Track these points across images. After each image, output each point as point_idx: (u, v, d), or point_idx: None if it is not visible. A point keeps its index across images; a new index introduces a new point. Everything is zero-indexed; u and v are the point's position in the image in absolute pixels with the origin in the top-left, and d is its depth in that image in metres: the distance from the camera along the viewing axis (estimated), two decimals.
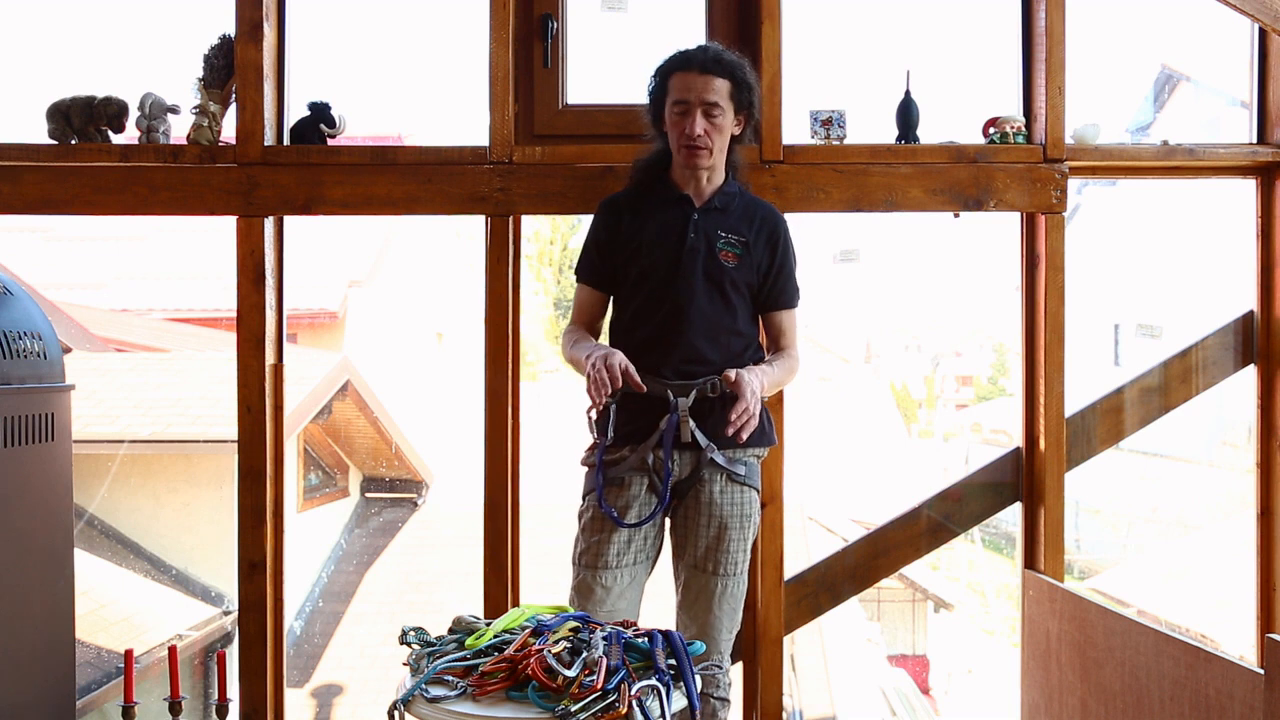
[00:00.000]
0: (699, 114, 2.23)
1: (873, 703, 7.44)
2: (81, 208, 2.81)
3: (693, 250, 2.28)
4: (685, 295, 2.26)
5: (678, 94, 2.25)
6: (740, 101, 2.28)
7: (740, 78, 2.27)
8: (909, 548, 3.09)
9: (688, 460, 2.27)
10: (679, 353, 2.26)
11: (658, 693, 1.57)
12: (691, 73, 2.24)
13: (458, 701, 1.59)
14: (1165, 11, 4.68)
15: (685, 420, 2.22)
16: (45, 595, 2.19)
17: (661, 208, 2.33)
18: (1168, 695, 2.12)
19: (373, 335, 7.00)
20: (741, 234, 2.31)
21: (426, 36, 5.46)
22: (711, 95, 2.23)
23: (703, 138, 2.24)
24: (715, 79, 2.23)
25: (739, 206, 2.35)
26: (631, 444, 2.27)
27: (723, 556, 2.26)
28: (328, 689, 5.95)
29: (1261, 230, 3.04)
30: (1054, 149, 2.82)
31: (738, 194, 2.37)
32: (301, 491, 6.08)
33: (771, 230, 2.35)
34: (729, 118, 2.27)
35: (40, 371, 2.17)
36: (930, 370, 14.42)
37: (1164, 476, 7.16)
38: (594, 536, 2.26)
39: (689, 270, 2.27)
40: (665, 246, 2.28)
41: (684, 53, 2.28)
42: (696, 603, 2.28)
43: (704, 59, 2.25)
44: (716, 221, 2.31)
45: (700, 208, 2.32)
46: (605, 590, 2.22)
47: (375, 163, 2.78)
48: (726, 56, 2.27)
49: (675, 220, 2.31)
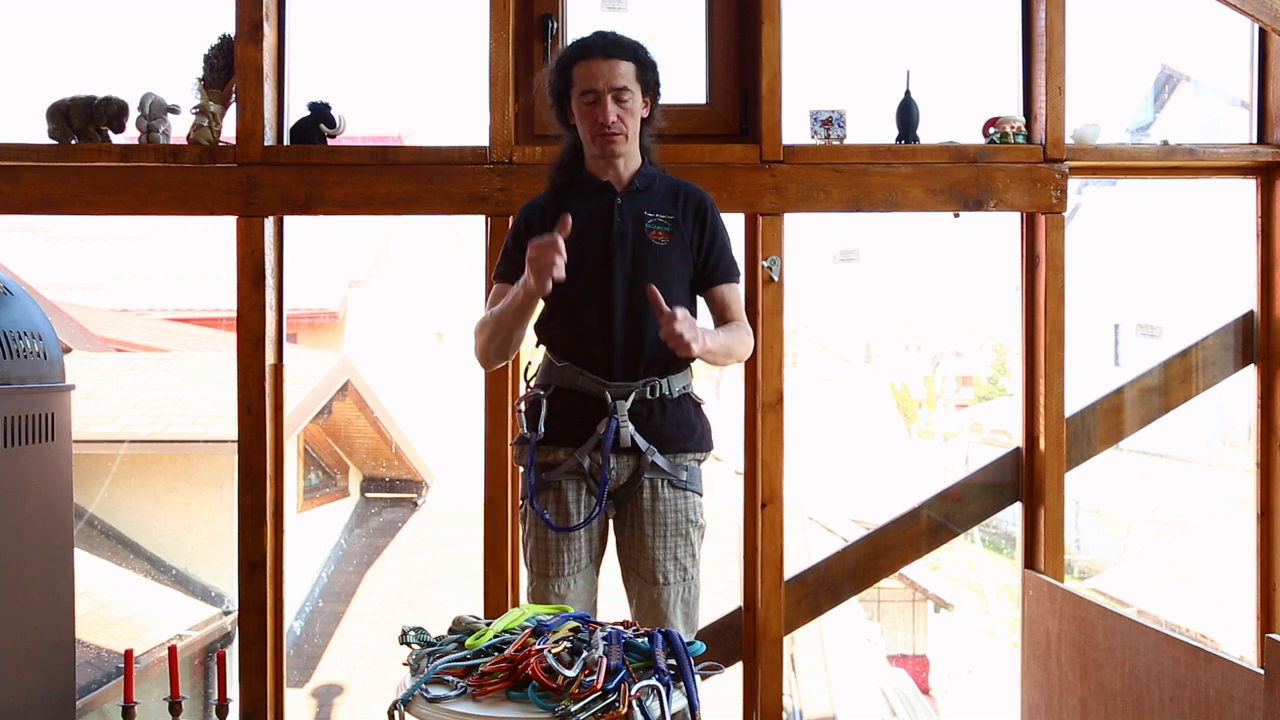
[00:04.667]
0: (609, 100, 2.17)
1: (873, 703, 7.44)
2: (81, 208, 2.81)
3: (620, 235, 2.22)
4: (618, 282, 2.20)
5: (584, 84, 2.18)
6: (646, 83, 2.23)
7: (643, 58, 2.22)
8: (909, 548, 3.09)
9: (627, 465, 2.20)
10: (615, 342, 2.19)
11: (658, 693, 1.57)
12: (595, 60, 2.18)
13: (458, 701, 1.59)
14: (1165, 11, 4.68)
15: (624, 426, 2.17)
16: (45, 595, 2.19)
17: (582, 199, 2.25)
18: (1168, 695, 2.11)
19: (373, 335, 7.00)
20: (669, 212, 2.25)
21: (426, 36, 5.46)
22: (619, 80, 2.17)
23: (616, 123, 2.18)
24: (620, 63, 2.18)
25: (661, 187, 2.29)
26: (567, 446, 2.21)
27: (670, 564, 2.21)
28: (328, 689, 5.94)
29: (1261, 230, 3.04)
30: (1054, 149, 2.82)
31: (657, 175, 2.31)
32: (301, 491, 6.08)
33: (698, 206, 2.29)
34: (638, 100, 2.21)
35: (40, 371, 2.17)
36: (930, 370, 14.40)
37: (1164, 476, 7.15)
38: (542, 544, 2.22)
39: (619, 255, 2.21)
40: (592, 236, 2.21)
41: (583, 41, 2.22)
42: (650, 616, 2.22)
43: (605, 44, 2.19)
44: (641, 203, 2.25)
45: (623, 191, 2.25)
46: (560, 599, 2.20)
47: (375, 163, 2.78)
48: (626, 39, 2.22)
49: (599, 208, 2.24)
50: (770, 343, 2.80)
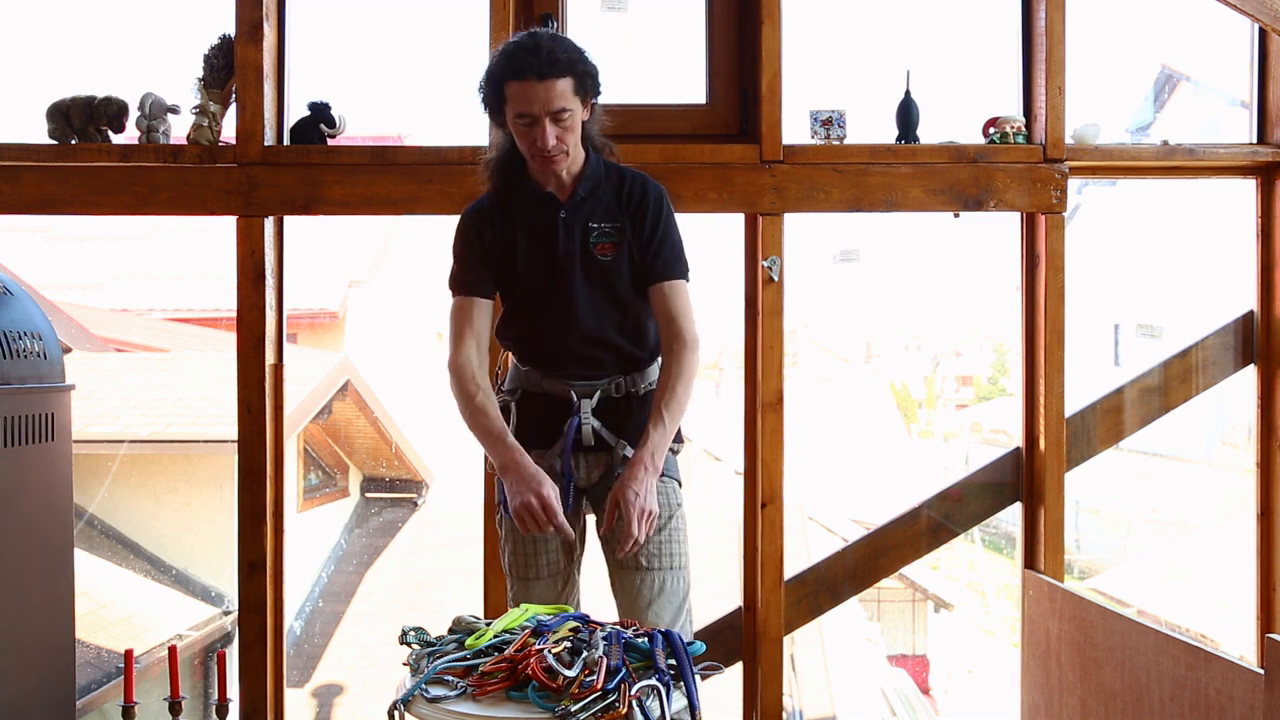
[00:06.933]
0: (547, 123, 2.00)
1: (873, 703, 7.44)
2: (81, 208, 2.81)
3: (567, 254, 2.11)
4: (569, 304, 2.11)
5: (519, 106, 2.00)
6: (586, 92, 2.05)
7: (581, 70, 2.02)
8: (909, 548, 3.09)
9: (599, 462, 2.16)
10: (574, 359, 2.14)
11: (658, 693, 1.57)
12: (528, 82, 1.98)
13: (458, 701, 1.59)
14: (1165, 11, 4.68)
15: (586, 423, 2.12)
16: (45, 595, 2.19)
17: (526, 211, 2.14)
18: (1168, 695, 2.11)
19: (373, 335, 7.00)
20: (614, 219, 2.13)
21: (426, 36, 5.46)
22: (556, 102, 1.99)
23: (557, 146, 2.02)
24: (557, 82, 1.98)
25: (607, 189, 2.14)
26: (537, 449, 2.14)
27: (656, 550, 2.12)
28: (328, 689, 5.95)
29: (1261, 230, 3.04)
30: (1054, 149, 2.82)
31: (603, 174, 2.15)
32: (301, 491, 6.08)
33: (640, 202, 2.13)
34: (578, 115, 2.05)
35: (40, 371, 2.17)
36: (930, 370, 14.40)
37: (1164, 476, 7.15)
38: (519, 548, 2.17)
39: (567, 277, 2.11)
40: (538, 256, 2.12)
41: (515, 57, 2.00)
42: (633, 606, 2.13)
43: (539, 63, 1.97)
44: (586, 214, 2.12)
45: (566, 203, 2.12)
46: (540, 601, 2.14)
47: (375, 163, 2.78)
48: (561, 51, 2.00)
49: (543, 224, 2.12)
50: (770, 343, 2.80)
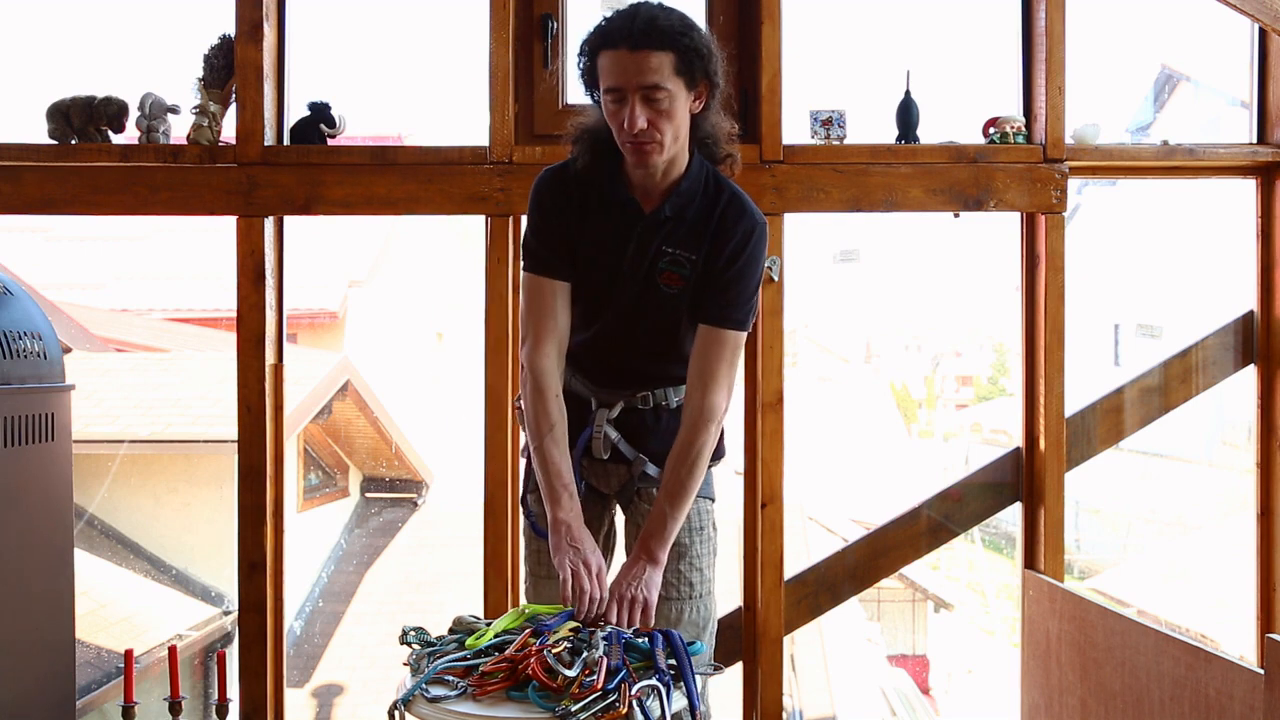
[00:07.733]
0: (637, 102, 1.77)
1: (873, 703, 7.44)
2: (81, 208, 2.81)
3: (631, 272, 1.92)
4: (616, 318, 1.96)
5: (609, 79, 1.79)
6: (693, 74, 1.80)
7: (686, 45, 1.78)
8: (909, 548, 3.09)
9: (618, 473, 2.06)
10: (605, 368, 2.03)
11: (658, 693, 1.57)
12: (620, 50, 1.76)
13: (458, 701, 1.59)
14: (1165, 11, 4.68)
15: (598, 434, 2.00)
16: (45, 595, 2.19)
17: (604, 208, 1.92)
18: (1168, 695, 2.11)
19: (373, 335, 7.00)
20: (691, 248, 1.90)
21: (426, 36, 5.46)
22: (650, 77, 1.75)
23: (647, 131, 1.79)
24: (652, 54, 1.75)
25: (697, 211, 1.91)
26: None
27: (673, 578, 1.99)
28: (328, 689, 5.95)
29: (1261, 230, 3.04)
30: (1054, 149, 2.82)
31: (699, 192, 1.91)
32: (301, 491, 6.08)
33: (728, 231, 1.91)
34: (680, 99, 1.80)
35: (40, 371, 2.17)
36: (930, 370, 14.41)
37: (1164, 476, 7.16)
38: (533, 543, 2.10)
39: (623, 294, 1.93)
40: (600, 259, 1.93)
41: (608, 24, 1.79)
42: None
43: (632, 30, 1.75)
44: (664, 235, 1.91)
45: (648, 216, 1.91)
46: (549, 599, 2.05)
47: (375, 163, 2.78)
48: (664, 21, 1.77)
49: (616, 230, 1.92)
50: (770, 343, 2.80)
